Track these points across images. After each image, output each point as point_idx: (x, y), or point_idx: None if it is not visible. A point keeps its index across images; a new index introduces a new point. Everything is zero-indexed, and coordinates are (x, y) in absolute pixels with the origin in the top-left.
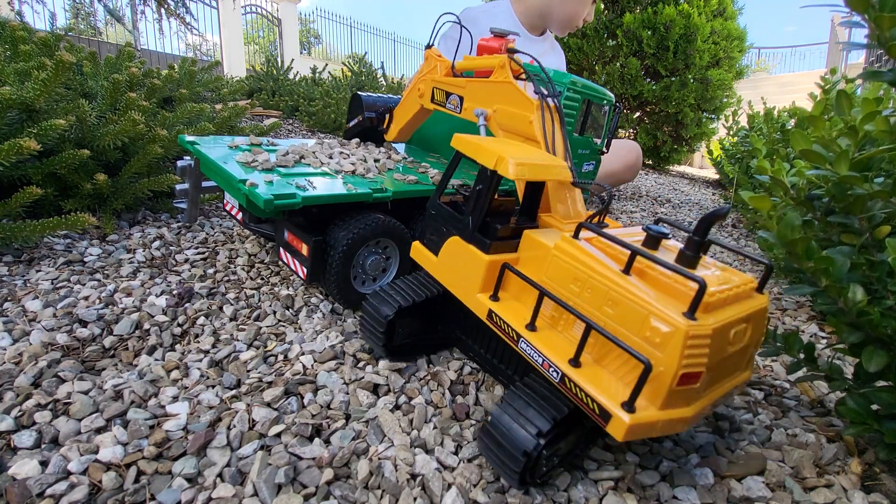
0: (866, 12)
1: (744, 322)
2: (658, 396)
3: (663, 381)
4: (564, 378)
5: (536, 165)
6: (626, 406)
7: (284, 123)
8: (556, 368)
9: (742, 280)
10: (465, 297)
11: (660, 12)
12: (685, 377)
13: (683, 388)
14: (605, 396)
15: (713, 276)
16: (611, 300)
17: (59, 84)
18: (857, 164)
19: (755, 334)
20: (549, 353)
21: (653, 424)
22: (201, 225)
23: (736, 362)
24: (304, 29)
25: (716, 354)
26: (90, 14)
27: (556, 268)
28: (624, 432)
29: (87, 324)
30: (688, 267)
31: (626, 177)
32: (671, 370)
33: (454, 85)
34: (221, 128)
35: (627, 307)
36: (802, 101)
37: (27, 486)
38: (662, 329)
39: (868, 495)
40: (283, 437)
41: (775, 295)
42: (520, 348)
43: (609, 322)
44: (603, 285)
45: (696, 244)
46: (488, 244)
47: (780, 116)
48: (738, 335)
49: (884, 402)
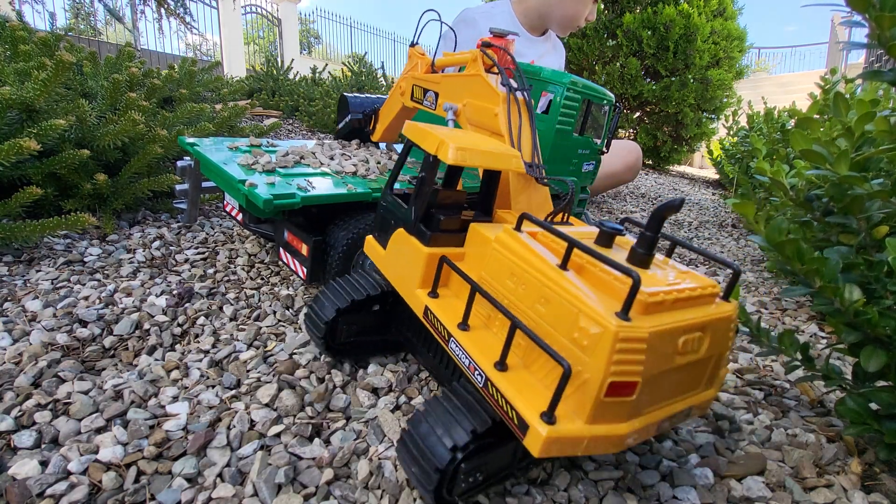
0: (867, 12)
1: (697, 330)
2: (584, 408)
3: (590, 391)
4: (488, 382)
5: (481, 152)
6: (545, 416)
7: (284, 123)
8: (481, 371)
9: (701, 283)
10: (405, 292)
11: (660, 12)
12: (616, 387)
13: (614, 399)
14: (525, 404)
15: (661, 276)
16: (543, 297)
17: (59, 84)
18: (856, 164)
19: (716, 346)
20: (477, 354)
21: (576, 440)
22: (201, 225)
23: (691, 377)
24: (304, 29)
25: (657, 364)
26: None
27: (494, 262)
28: (540, 447)
29: (87, 324)
30: (639, 266)
31: (626, 177)
32: (598, 377)
33: (431, 81)
34: (221, 128)
35: (559, 305)
36: (802, 101)
37: (27, 486)
38: (590, 330)
39: (868, 495)
40: (282, 437)
41: (775, 295)
42: (450, 348)
43: (540, 322)
44: (537, 281)
45: (649, 240)
46: (429, 236)
47: (780, 116)
48: (690, 345)
49: (883, 402)
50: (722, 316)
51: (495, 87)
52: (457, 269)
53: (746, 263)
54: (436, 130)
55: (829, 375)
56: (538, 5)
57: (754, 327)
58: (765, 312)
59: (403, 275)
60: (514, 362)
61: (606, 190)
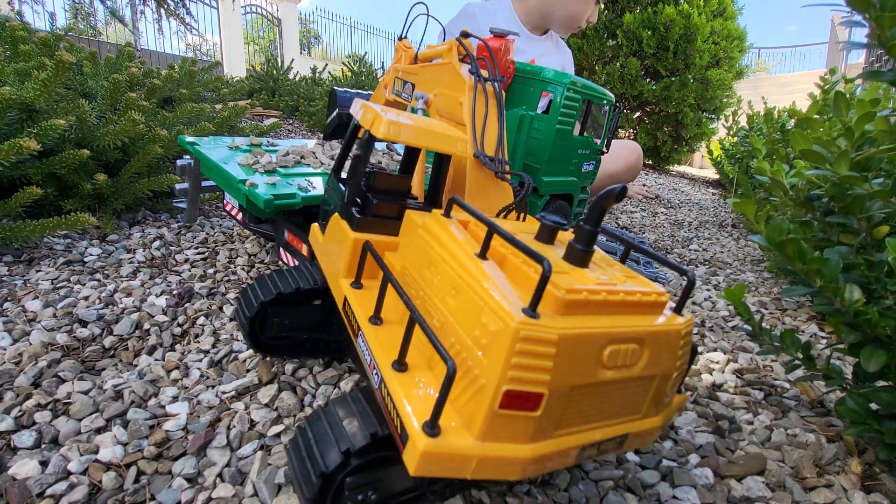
0: (867, 12)
1: (631, 341)
2: (475, 420)
3: (482, 399)
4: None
5: (417, 129)
6: (426, 427)
7: (284, 123)
8: (378, 371)
9: (645, 289)
10: (331, 281)
11: (660, 12)
12: (513, 397)
13: (514, 413)
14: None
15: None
16: (454, 289)
17: (59, 84)
18: (856, 164)
19: (658, 364)
20: (378, 351)
21: (464, 459)
22: (201, 225)
23: (626, 399)
24: (304, 29)
25: (572, 375)
26: (90, 14)
27: (417, 250)
28: (416, 463)
29: (87, 324)
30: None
31: (626, 178)
32: (492, 383)
33: (410, 73)
34: (221, 128)
35: (466, 298)
36: (802, 101)
37: (27, 486)
38: (491, 326)
39: (868, 495)
40: (282, 437)
41: (775, 295)
42: (357, 344)
43: (448, 316)
44: (451, 270)
45: (588, 235)
46: (357, 220)
47: (780, 116)
48: (621, 358)
49: (883, 402)
50: (666, 329)
51: (463, 76)
52: (375, 256)
53: (746, 263)
54: (376, 107)
55: (829, 375)
56: (539, 5)
57: (756, 326)
58: (765, 312)
59: (332, 263)
60: (419, 363)
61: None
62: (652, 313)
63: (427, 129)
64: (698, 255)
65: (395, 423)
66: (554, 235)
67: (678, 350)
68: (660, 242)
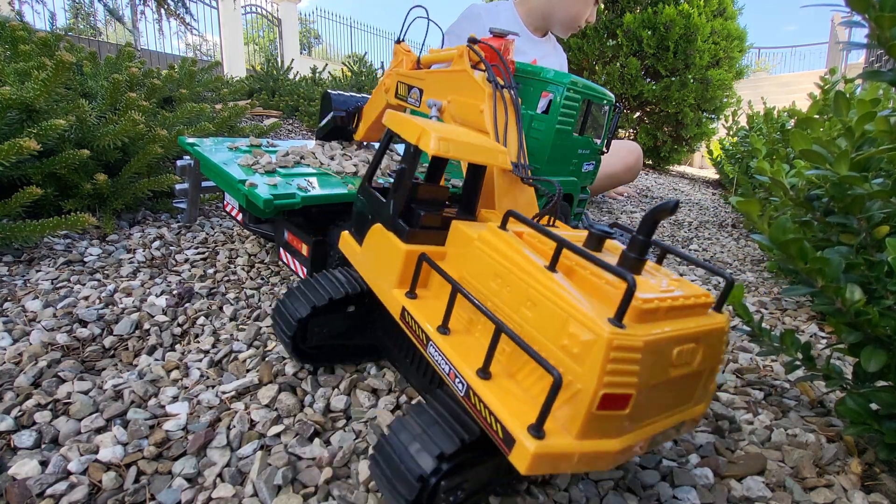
0: (867, 12)
1: (692, 341)
2: (575, 422)
3: (581, 403)
4: (469, 391)
5: (465, 144)
6: (532, 430)
7: (284, 123)
8: (462, 379)
9: (694, 293)
10: (381, 292)
11: (660, 12)
12: (609, 399)
13: (607, 413)
14: (510, 416)
15: (655, 283)
16: (530, 300)
17: (59, 84)
18: (856, 164)
19: (709, 359)
20: (458, 360)
21: (567, 456)
22: (201, 225)
23: (683, 391)
24: (304, 29)
25: (652, 375)
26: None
27: (477, 261)
28: (527, 463)
29: (87, 324)
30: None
31: (626, 178)
32: (590, 389)
33: (415, 78)
34: (221, 128)
35: (546, 309)
36: (802, 101)
37: (27, 486)
38: (582, 336)
39: (868, 495)
40: (282, 437)
41: (775, 295)
42: (428, 353)
43: (526, 327)
44: (523, 282)
45: (641, 244)
46: (407, 231)
47: (780, 116)
48: (685, 356)
49: (883, 402)
50: (715, 327)
51: (481, 84)
52: (438, 269)
53: (746, 263)
54: (418, 120)
55: (829, 375)
56: (540, 6)
57: (756, 326)
58: (765, 312)
59: (379, 273)
60: (497, 370)
61: (606, 190)
62: (701, 313)
63: (473, 144)
64: (698, 255)
65: (493, 429)
66: (602, 244)
67: (721, 344)
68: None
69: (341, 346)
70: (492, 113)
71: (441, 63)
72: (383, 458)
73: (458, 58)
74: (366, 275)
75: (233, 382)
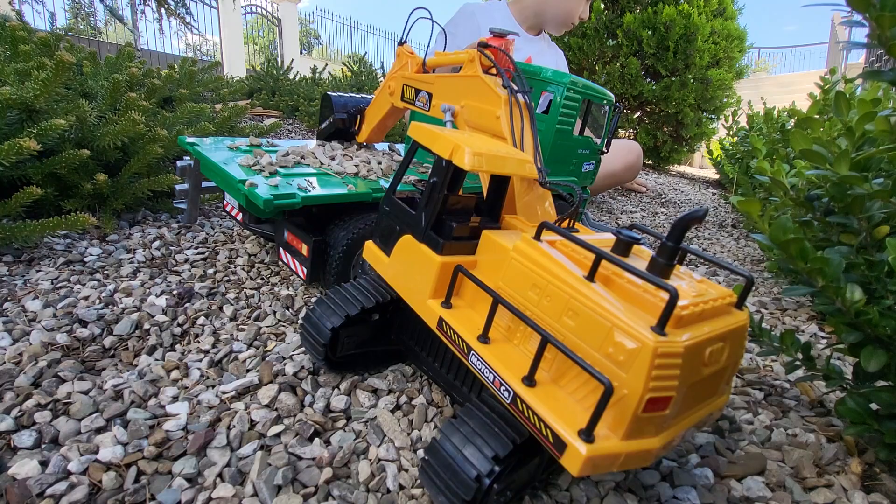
0: (867, 11)
1: (720, 341)
2: (621, 424)
3: (627, 407)
4: (516, 399)
5: (497, 157)
6: (583, 435)
7: (284, 123)
8: (508, 387)
9: (720, 293)
10: (415, 302)
11: (660, 12)
12: (653, 402)
13: (651, 414)
14: (560, 422)
15: (687, 288)
16: (571, 310)
17: (59, 84)
18: (856, 164)
19: (733, 355)
20: (502, 368)
21: (614, 457)
22: (201, 225)
23: (711, 386)
24: (304, 29)
25: (688, 377)
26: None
27: (514, 272)
28: (580, 466)
29: (87, 324)
30: (660, 276)
31: (627, 177)
32: (636, 394)
33: (423, 81)
34: (221, 128)
35: (589, 319)
36: (802, 101)
37: (27, 486)
38: (627, 345)
39: (868, 495)
40: (282, 437)
41: (775, 295)
42: (470, 362)
43: (568, 335)
44: (563, 293)
45: (671, 251)
46: (441, 244)
47: (780, 116)
48: (715, 355)
49: (883, 402)
50: (739, 325)
51: (496, 89)
52: (477, 280)
53: (746, 263)
54: (446, 133)
55: (829, 375)
56: (533, 4)
57: (756, 326)
58: (765, 312)
59: (413, 284)
60: (542, 377)
61: (606, 190)
62: (727, 313)
63: (504, 156)
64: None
65: (543, 434)
66: (629, 249)
67: (744, 340)
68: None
69: (365, 353)
70: (508, 119)
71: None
72: (437, 462)
73: (469, 62)
74: (396, 285)
75: (233, 382)
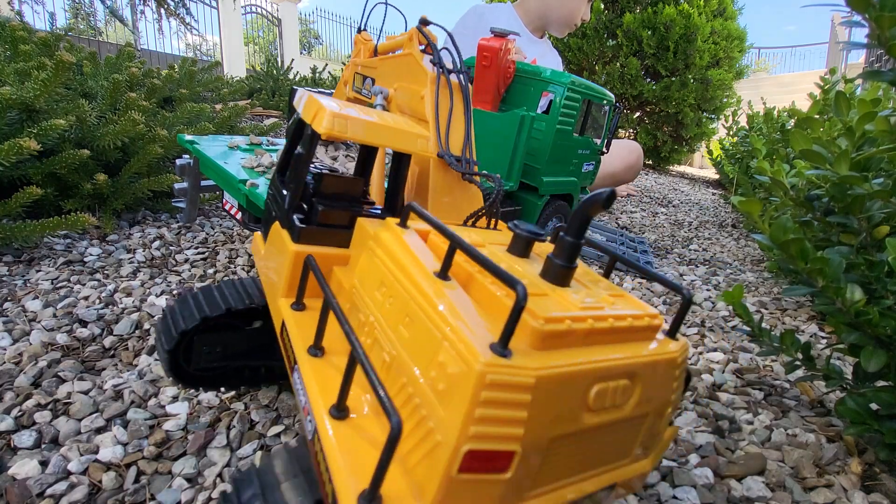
0: (867, 12)
1: (621, 376)
2: (426, 489)
3: (436, 461)
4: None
5: (367, 124)
6: (363, 500)
7: (284, 123)
8: (313, 417)
9: (636, 311)
10: (270, 301)
11: (660, 12)
12: (477, 458)
13: (476, 477)
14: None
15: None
16: (408, 315)
17: (59, 84)
18: (856, 164)
19: (652, 400)
20: (316, 391)
21: None
22: (201, 225)
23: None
24: (304, 29)
25: (552, 425)
26: (90, 14)
27: (367, 266)
28: None
29: (87, 324)
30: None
31: (627, 177)
32: (450, 443)
33: (369, 67)
34: (221, 128)
35: (422, 328)
36: (802, 101)
37: (27, 486)
38: (449, 367)
39: (868, 495)
40: (282, 437)
41: (775, 295)
42: (293, 380)
43: (400, 350)
44: (405, 293)
45: (569, 249)
46: (298, 230)
47: (780, 116)
48: (611, 397)
49: (883, 402)
50: (661, 358)
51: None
52: (316, 273)
53: (746, 263)
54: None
55: (829, 375)
56: (537, 6)
57: (756, 326)
58: (765, 312)
59: (271, 279)
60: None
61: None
62: (644, 339)
63: (380, 124)
64: (698, 255)
65: (326, 490)
66: (530, 247)
67: (673, 381)
68: (660, 242)
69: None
70: (433, 99)
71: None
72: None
73: (408, 41)
74: (263, 281)
75: None
